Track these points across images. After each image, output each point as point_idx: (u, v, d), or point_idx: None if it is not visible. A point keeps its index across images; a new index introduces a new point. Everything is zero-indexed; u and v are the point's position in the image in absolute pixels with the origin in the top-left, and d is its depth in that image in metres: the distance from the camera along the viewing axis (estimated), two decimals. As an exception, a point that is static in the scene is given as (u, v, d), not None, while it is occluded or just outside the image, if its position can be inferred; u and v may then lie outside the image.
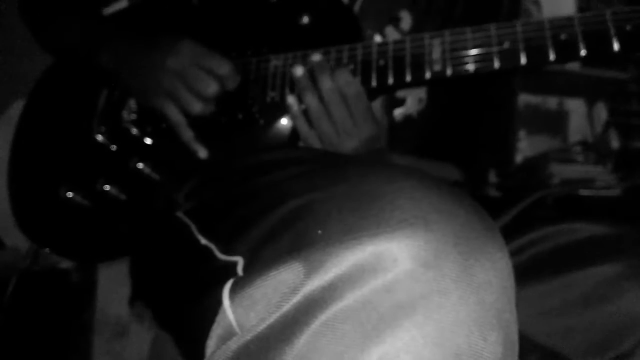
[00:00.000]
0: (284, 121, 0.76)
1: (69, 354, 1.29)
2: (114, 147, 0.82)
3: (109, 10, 0.93)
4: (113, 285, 1.28)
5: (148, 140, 0.81)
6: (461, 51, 0.69)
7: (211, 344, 0.44)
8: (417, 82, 0.71)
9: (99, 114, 0.85)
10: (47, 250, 0.87)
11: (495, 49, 0.68)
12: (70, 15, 0.90)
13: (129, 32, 0.84)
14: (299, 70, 0.73)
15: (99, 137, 0.83)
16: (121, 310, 1.30)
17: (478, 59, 0.68)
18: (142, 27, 0.88)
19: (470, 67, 0.69)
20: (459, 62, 0.69)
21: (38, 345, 1.23)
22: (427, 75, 0.70)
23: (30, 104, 0.94)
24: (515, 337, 0.41)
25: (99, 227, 0.83)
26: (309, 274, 0.38)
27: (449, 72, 0.69)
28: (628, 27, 0.63)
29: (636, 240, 0.59)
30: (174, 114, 0.76)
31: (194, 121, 0.76)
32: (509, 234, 0.64)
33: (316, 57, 0.72)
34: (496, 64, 0.68)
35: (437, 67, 0.69)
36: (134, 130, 0.81)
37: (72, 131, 0.87)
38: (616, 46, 0.64)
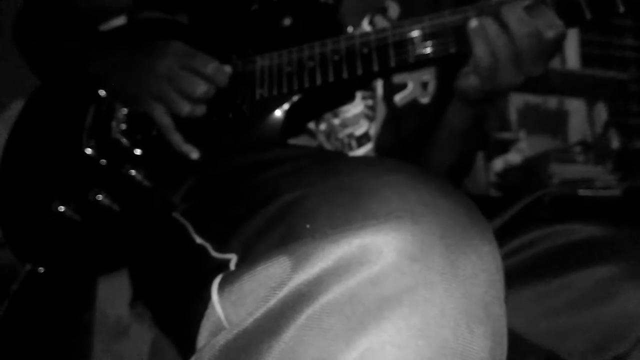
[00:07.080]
0: (277, 113, 0.77)
1: (69, 354, 1.30)
2: (104, 162, 0.82)
3: (107, 27, 0.94)
4: (113, 285, 1.28)
5: (138, 151, 0.81)
6: (440, 32, 0.70)
7: (201, 338, 0.45)
8: (402, 66, 0.72)
9: (87, 128, 0.85)
10: (40, 269, 0.86)
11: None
12: (64, 32, 0.91)
13: (115, 39, 0.85)
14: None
15: (89, 151, 0.83)
16: (121, 310, 1.30)
17: (457, 38, 0.69)
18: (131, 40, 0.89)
19: (452, 49, 0.69)
20: (439, 43, 0.70)
21: (38, 346, 1.24)
22: (411, 59, 0.71)
23: (19, 122, 0.93)
24: (504, 330, 0.40)
25: (93, 241, 0.82)
26: (295, 267, 0.38)
27: (431, 54, 0.70)
28: None
29: (635, 241, 0.59)
30: (162, 117, 0.76)
31: (185, 123, 0.77)
32: (507, 233, 0.64)
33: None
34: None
35: (420, 50, 0.70)
36: (124, 141, 0.81)
37: (61, 147, 0.86)
38: (588, 15, 0.64)
